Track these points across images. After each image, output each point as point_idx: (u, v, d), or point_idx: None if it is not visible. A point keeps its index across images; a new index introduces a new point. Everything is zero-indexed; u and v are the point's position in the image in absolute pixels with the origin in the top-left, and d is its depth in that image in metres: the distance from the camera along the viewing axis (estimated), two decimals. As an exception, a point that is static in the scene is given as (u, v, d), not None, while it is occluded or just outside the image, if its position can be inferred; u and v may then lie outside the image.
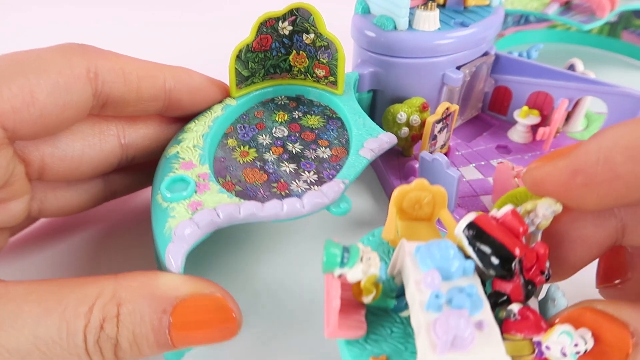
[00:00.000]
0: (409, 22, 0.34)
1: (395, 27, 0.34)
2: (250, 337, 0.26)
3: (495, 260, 0.17)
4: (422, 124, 0.34)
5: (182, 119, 0.30)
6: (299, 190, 0.26)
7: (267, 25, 0.30)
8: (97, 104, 0.26)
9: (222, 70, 0.32)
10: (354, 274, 0.18)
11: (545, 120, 0.38)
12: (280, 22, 0.30)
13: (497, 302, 0.18)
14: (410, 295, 0.18)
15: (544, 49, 0.53)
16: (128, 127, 0.29)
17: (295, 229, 0.33)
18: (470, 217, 0.18)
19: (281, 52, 0.31)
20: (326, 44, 0.30)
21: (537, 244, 0.18)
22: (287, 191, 0.26)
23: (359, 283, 0.18)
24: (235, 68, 0.30)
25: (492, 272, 0.18)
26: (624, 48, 0.54)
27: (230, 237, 0.33)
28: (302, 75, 0.32)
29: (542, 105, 0.39)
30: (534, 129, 0.38)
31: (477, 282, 0.18)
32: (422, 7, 0.34)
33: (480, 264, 0.18)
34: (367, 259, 0.18)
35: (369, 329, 0.19)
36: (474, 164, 0.36)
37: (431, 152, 0.31)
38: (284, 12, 0.30)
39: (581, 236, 0.19)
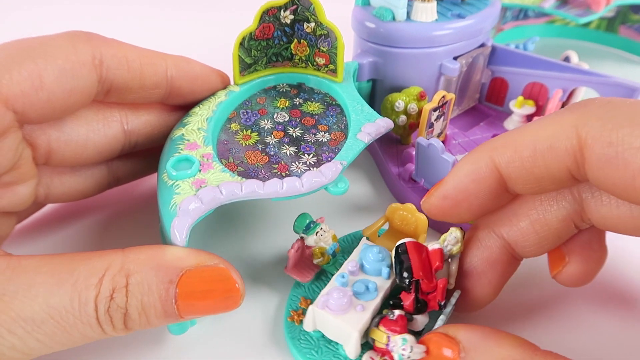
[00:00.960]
0: (408, 13, 0.35)
1: (394, 18, 0.35)
2: (251, 310, 0.28)
3: (402, 273, 0.23)
4: (420, 112, 0.35)
5: (182, 107, 0.31)
6: (299, 172, 0.27)
7: (269, 14, 0.31)
8: (102, 90, 0.27)
9: (225, 59, 0.33)
10: (309, 240, 0.27)
11: (540, 111, 0.39)
12: (282, 11, 0.31)
13: (395, 304, 0.24)
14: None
15: (543, 43, 0.54)
16: (131, 113, 0.30)
17: (296, 209, 0.34)
18: (406, 240, 0.24)
19: (283, 40, 0.32)
20: (326, 32, 0.31)
21: (440, 280, 0.24)
22: (287, 172, 0.27)
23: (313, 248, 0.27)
24: (239, 55, 0.31)
25: (398, 281, 0.24)
26: (621, 43, 0.55)
27: (233, 219, 0.34)
28: (303, 64, 0.33)
29: (537, 96, 0.39)
30: (529, 118, 0.39)
31: (386, 284, 0.24)
32: (420, -2, 0.35)
33: (394, 272, 0.24)
34: (321, 234, 0.26)
35: (316, 282, 0.28)
36: (470, 152, 0.37)
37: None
38: (286, 2, 0.30)
39: (481, 260, 0.25)
